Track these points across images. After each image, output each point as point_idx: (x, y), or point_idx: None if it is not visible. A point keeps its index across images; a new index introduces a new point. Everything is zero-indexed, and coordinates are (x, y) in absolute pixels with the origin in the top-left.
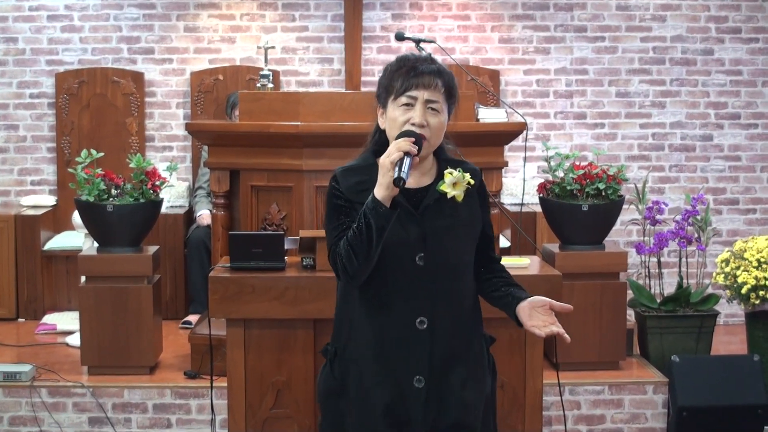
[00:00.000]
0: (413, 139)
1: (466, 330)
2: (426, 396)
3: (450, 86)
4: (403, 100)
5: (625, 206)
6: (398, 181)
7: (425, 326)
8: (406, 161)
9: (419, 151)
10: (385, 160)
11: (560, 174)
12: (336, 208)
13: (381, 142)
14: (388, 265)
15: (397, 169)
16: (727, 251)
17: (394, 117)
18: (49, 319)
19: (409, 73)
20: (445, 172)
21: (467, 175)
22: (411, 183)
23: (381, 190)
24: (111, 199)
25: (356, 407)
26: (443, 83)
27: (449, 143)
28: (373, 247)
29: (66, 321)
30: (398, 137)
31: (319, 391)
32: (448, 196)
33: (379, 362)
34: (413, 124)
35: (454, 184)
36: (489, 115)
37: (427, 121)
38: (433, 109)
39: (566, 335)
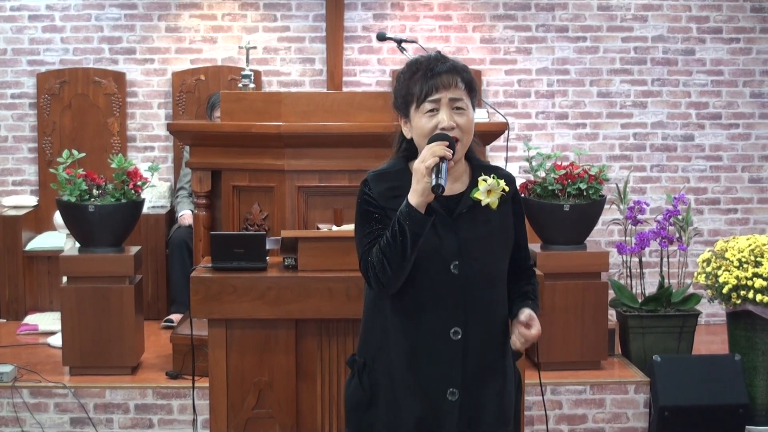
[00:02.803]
0: (447, 143)
1: (500, 341)
2: (459, 409)
3: (469, 80)
4: (427, 106)
5: (606, 206)
6: (437, 189)
7: (459, 337)
8: (443, 167)
9: (453, 153)
10: (420, 165)
11: (542, 174)
12: (367, 214)
13: (410, 149)
14: (421, 274)
15: (434, 176)
16: (709, 251)
17: (421, 125)
18: (31, 319)
19: (426, 76)
20: (480, 179)
21: (502, 182)
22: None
23: (416, 197)
24: (92, 199)
25: (386, 419)
26: (462, 79)
27: (478, 143)
28: (407, 255)
29: (48, 321)
30: (430, 141)
31: (346, 403)
32: (483, 203)
33: (411, 374)
34: (443, 129)
35: (488, 191)
36: None
37: (456, 122)
38: (458, 108)
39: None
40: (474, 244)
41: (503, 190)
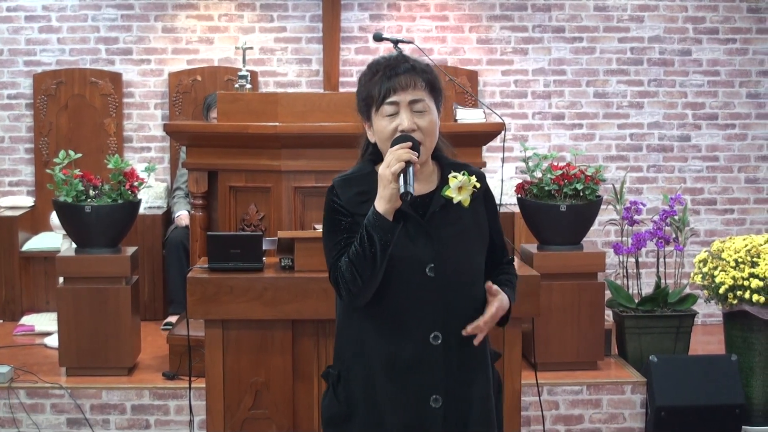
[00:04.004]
0: (410, 144)
1: (480, 343)
2: (444, 415)
3: (430, 80)
4: (386, 109)
5: (603, 207)
6: (405, 196)
7: (439, 341)
8: (410, 171)
9: (418, 155)
10: (385, 171)
11: (538, 174)
12: (336, 223)
13: (376, 153)
14: (397, 279)
15: (402, 182)
16: (705, 251)
17: (381, 128)
18: (28, 320)
19: (383, 77)
20: (450, 176)
21: (473, 179)
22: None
23: (382, 204)
24: (89, 200)
25: (366, 431)
26: (422, 79)
27: (445, 143)
28: (377, 264)
29: (44, 322)
30: (393, 144)
31: (322, 417)
32: (454, 201)
33: (392, 383)
34: (403, 131)
35: (459, 188)
36: (467, 116)
37: (417, 124)
38: (419, 110)
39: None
40: (448, 245)
41: (474, 186)
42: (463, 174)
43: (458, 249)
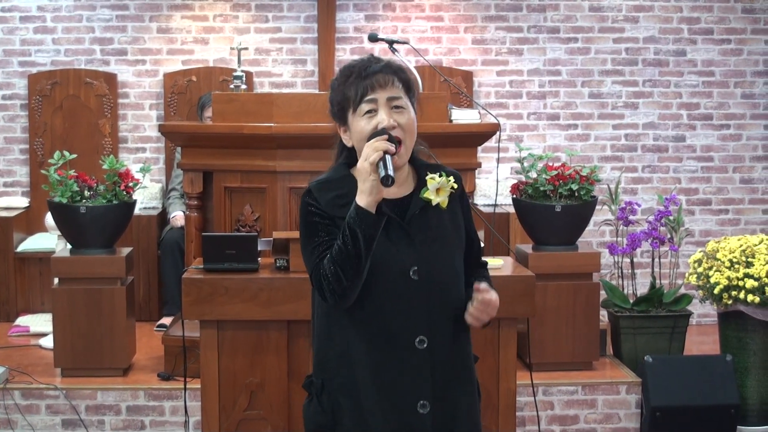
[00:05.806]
0: (386, 136)
1: (464, 346)
2: (432, 421)
3: (406, 80)
4: (364, 108)
5: (598, 207)
6: (386, 180)
7: (425, 345)
8: (387, 159)
9: (395, 146)
10: (363, 164)
11: (533, 175)
12: (313, 225)
13: (351, 157)
14: (380, 284)
15: (381, 168)
16: (700, 251)
17: (360, 128)
18: (23, 321)
19: (359, 77)
20: (428, 177)
21: (451, 180)
22: (390, 193)
23: (364, 197)
24: (84, 200)
25: None
26: (399, 78)
27: (422, 145)
28: (362, 261)
29: (39, 323)
30: (369, 140)
31: (306, 427)
32: (433, 203)
33: (379, 390)
34: (384, 128)
35: (437, 190)
36: (462, 116)
37: (396, 121)
38: (397, 107)
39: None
40: (430, 247)
41: (452, 187)
42: (440, 175)
43: (440, 251)
